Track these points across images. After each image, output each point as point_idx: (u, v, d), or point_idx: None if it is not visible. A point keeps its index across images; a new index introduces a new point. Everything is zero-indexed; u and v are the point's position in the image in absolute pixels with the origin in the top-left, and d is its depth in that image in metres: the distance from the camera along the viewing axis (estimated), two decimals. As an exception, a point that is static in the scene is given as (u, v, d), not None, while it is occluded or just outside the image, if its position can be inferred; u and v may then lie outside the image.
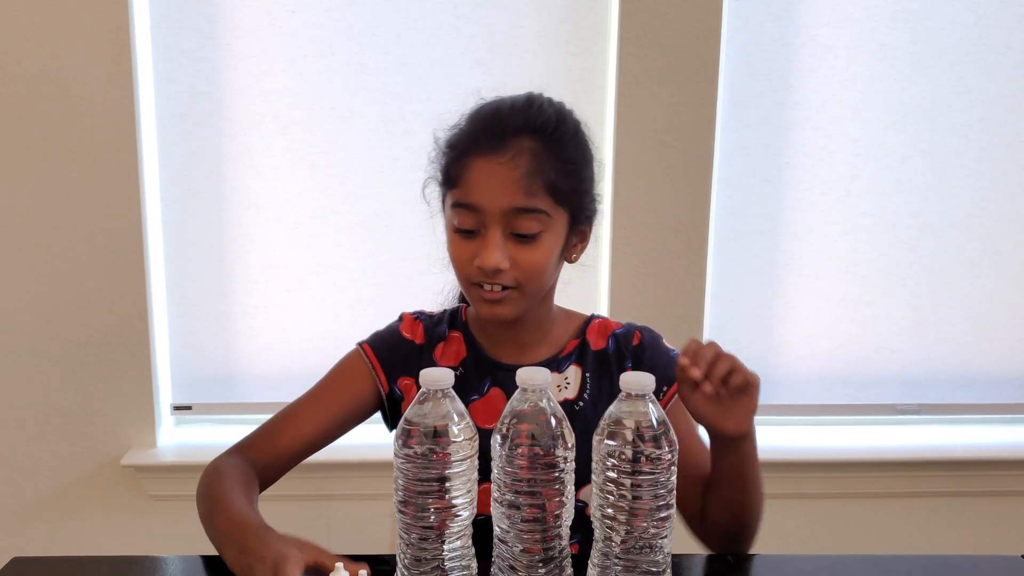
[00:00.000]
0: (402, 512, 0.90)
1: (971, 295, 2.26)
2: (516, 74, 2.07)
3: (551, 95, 1.20)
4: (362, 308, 2.14)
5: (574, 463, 0.91)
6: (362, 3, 2.05)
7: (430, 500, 0.88)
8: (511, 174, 1.10)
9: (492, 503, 0.92)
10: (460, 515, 0.90)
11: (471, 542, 0.94)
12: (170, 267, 2.15)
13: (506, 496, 0.89)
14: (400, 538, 0.92)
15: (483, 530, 0.96)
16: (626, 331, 1.27)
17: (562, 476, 0.89)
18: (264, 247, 2.14)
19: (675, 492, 0.90)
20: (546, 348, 1.25)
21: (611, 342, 1.25)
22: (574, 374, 1.24)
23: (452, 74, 2.09)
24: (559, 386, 1.23)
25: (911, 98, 2.16)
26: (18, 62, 1.97)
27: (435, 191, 1.21)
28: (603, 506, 0.89)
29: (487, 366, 1.24)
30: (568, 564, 0.94)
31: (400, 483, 0.90)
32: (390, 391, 1.25)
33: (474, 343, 1.26)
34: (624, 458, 0.87)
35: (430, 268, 1.31)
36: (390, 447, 0.91)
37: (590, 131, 1.21)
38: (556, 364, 1.23)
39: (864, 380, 2.29)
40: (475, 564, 0.93)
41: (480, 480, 0.93)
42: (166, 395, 2.20)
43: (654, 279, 2.12)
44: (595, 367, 1.24)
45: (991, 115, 2.18)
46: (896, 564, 1.14)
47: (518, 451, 0.88)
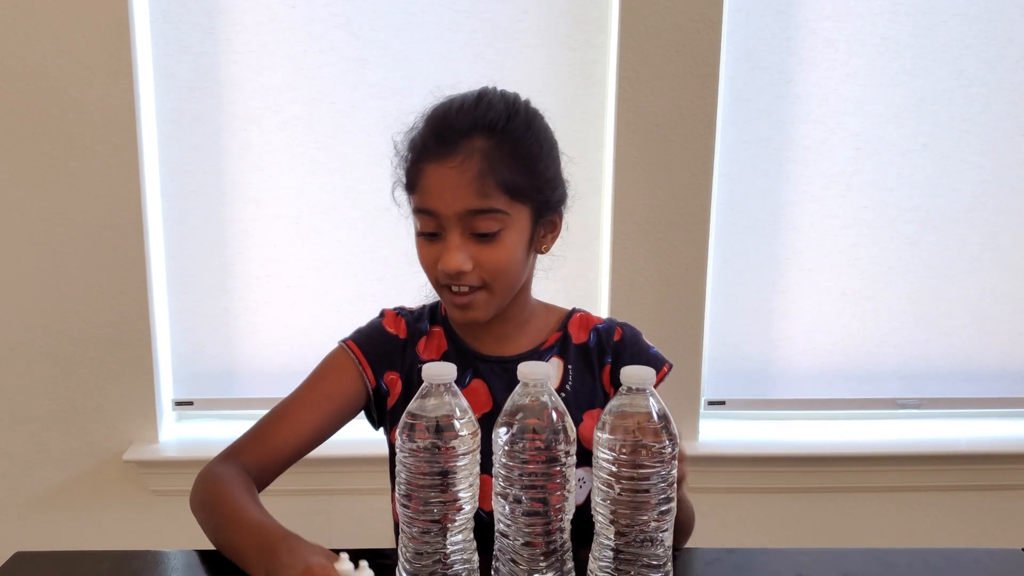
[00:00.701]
0: (405, 505, 0.90)
1: (972, 289, 2.26)
2: (516, 68, 2.06)
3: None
4: (362, 303, 2.14)
5: (575, 457, 0.91)
6: (362, -2, 2.06)
7: (433, 493, 0.88)
8: (462, 177, 1.10)
9: (494, 496, 0.92)
10: (463, 508, 0.90)
11: (472, 535, 0.94)
12: (171, 263, 2.15)
13: (508, 490, 0.90)
14: (402, 532, 0.92)
15: (482, 523, 0.96)
16: (608, 326, 1.28)
17: (564, 470, 0.89)
18: (264, 243, 2.14)
19: (676, 486, 0.90)
20: (527, 340, 1.26)
21: (592, 336, 1.26)
22: (556, 366, 1.24)
23: (452, 69, 2.08)
24: None
25: (912, 92, 2.16)
26: (18, 58, 1.97)
27: (402, 194, 1.21)
28: (604, 499, 0.89)
29: (468, 358, 1.25)
30: (569, 557, 0.94)
31: (403, 477, 0.90)
32: (376, 386, 1.26)
33: (454, 336, 1.27)
34: (625, 451, 0.87)
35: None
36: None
37: (547, 119, 1.20)
38: (538, 356, 1.24)
39: (865, 374, 2.29)
40: (476, 557, 0.94)
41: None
42: (167, 391, 2.20)
43: (655, 273, 2.12)
44: (576, 359, 1.25)
45: (992, 109, 2.18)
46: (897, 558, 1.15)
47: (520, 445, 0.88)
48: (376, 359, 1.26)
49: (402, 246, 2.16)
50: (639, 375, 0.88)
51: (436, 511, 0.89)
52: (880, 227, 2.22)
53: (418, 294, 1.39)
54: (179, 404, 2.21)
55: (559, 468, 0.89)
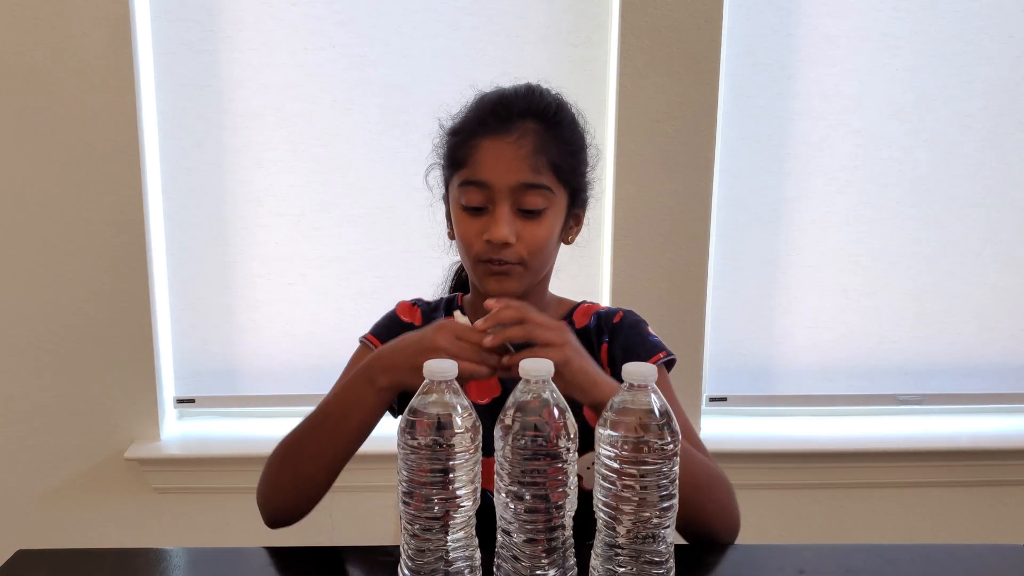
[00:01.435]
0: (406, 503, 0.90)
1: (973, 285, 2.26)
2: (517, 65, 2.06)
3: (551, 86, 1.24)
4: (364, 300, 2.14)
5: (577, 454, 0.91)
6: (363, -5, 2.06)
7: (434, 491, 0.88)
8: (518, 152, 1.15)
9: (495, 493, 0.92)
10: (464, 505, 0.90)
11: (474, 532, 0.94)
12: (172, 260, 2.15)
13: (509, 487, 0.90)
14: (404, 529, 0.92)
15: (485, 509, 0.96)
16: (610, 311, 1.30)
17: (565, 467, 0.89)
18: (266, 240, 2.14)
19: (678, 482, 0.90)
20: None
21: (593, 319, 1.28)
22: None
23: (453, 66, 2.08)
24: None
25: (913, 88, 2.16)
26: (20, 57, 1.97)
27: (438, 178, 1.25)
28: (606, 496, 0.89)
29: None
30: (571, 554, 0.94)
31: (404, 474, 0.90)
32: None
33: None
34: (627, 448, 0.87)
35: (432, 259, 1.32)
36: (393, 438, 0.91)
37: (586, 122, 1.26)
38: None
39: (866, 370, 2.29)
40: (478, 554, 0.94)
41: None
42: (169, 388, 2.20)
43: (656, 270, 2.12)
44: None
45: (993, 105, 2.18)
46: (899, 553, 1.15)
47: (521, 442, 0.88)
48: None
49: (403, 243, 2.17)
50: (640, 371, 0.88)
51: (437, 508, 0.89)
52: (881, 223, 2.22)
53: (420, 290, 1.39)
54: (181, 402, 2.22)
55: (561, 465, 0.89)
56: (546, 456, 0.89)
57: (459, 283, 1.42)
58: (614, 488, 0.89)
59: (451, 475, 0.88)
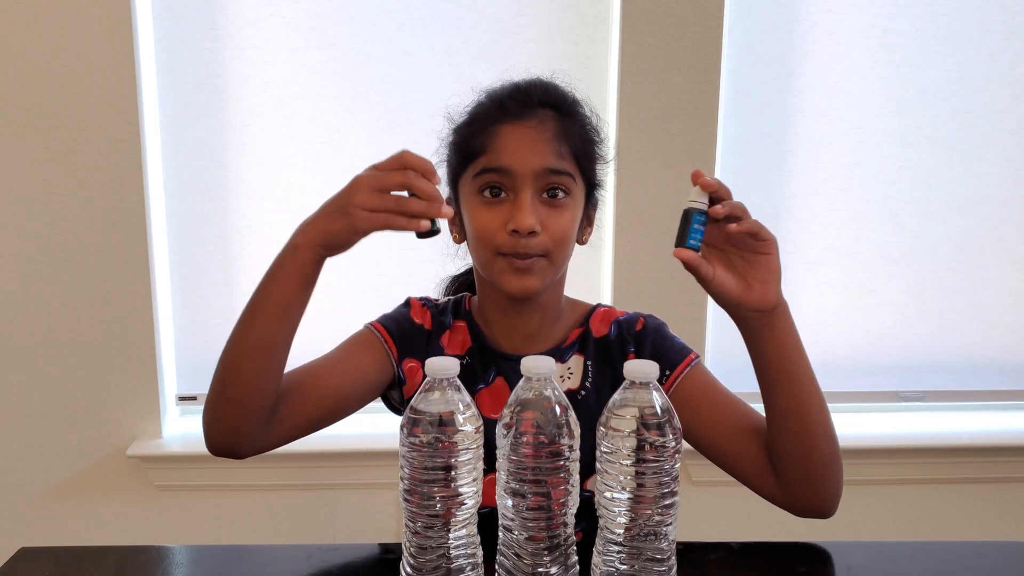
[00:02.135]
0: (408, 500, 0.90)
1: (974, 281, 2.26)
2: (518, 63, 2.05)
3: (559, 81, 1.24)
4: (366, 298, 2.14)
5: (579, 451, 0.91)
6: (363, -8, 2.05)
7: (436, 488, 0.89)
8: (541, 136, 1.12)
9: (497, 491, 0.92)
10: (466, 503, 0.90)
11: (476, 530, 0.94)
12: (174, 258, 2.15)
13: (511, 484, 0.90)
14: (406, 526, 0.92)
15: (488, 522, 0.96)
16: (630, 318, 1.25)
17: (567, 464, 0.90)
18: (267, 237, 2.14)
19: (679, 480, 0.90)
20: (552, 339, 1.24)
21: (613, 328, 1.24)
22: (576, 363, 1.23)
23: (454, 63, 2.08)
24: (562, 376, 1.22)
25: (914, 84, 2.16)
26: (20, 54, 1.97)
27: (443, 176, 1.20)
28: (607, 494, 0.90)
29: (492, 356, 1.23)
30: (573, 552, 0.94)
31: (406, 472, 0.90)
32: (398, 370, 1.23)
33: (479, 333, 1.25)
34: (629, 446, 0.88)
35: (433, 257, 1.31)
36: (395, 436, 0.91)
37: (600, 118, 1.24)
38: (560, 354, 1.22)
39: (867, 367, 2.29)
40: (480, 552, 0.94)
41: (485, 471, 0.93)
42: (171, 385, 2.20)
43: (657, 267, 2.11)
44: (596, 355, 1.23)
45: (994, 101, 2.17)
46: (900, 550, 1.15)
47: (523, 439, 0.88)
48: (401, 342, 1.22)
49: (405, 240, 2.16)
50: (642, 369, 0.88)
51: (439, 506, 0.89)
52: (882, 220, 2.22)
53: (421, 288, 1.39)
54: (183, 399, 2.22)
55: (562, 462, 0.89)
56: (548, 454, 0.89)
57: (456, 294, 1.35)
58: (616, 485, 0.89)
59: (453, 472, 0.88)
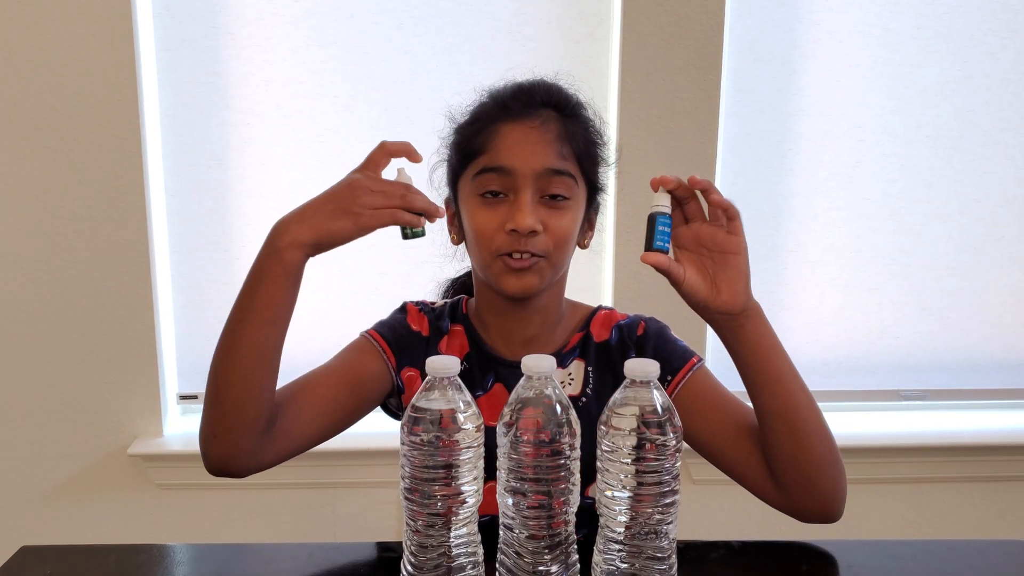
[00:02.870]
0: (408, 499, 0.90)
1: (976, 280, 2.26)
2: (519, 61, 2.06)
3: (561, 82, 1.23)
4: (366, 297, 2.14)
5: (580, 450, 0.91)
6: (364, -9, 2.05)
7: (436, 487, 0.89)
8: (543, 136, 1.11)
9: (498, 490, 0.92)
10: (467, 502, 0.90)
11: (477, 529, 0.94)
12: (175, 257, 2.15)
13: (511, 483, 0.90)
14: (406, 525, 0.92)
15: (488, 530, 0.95)
16: (631, 322, 1.24)
17: (568, 463, 0.90)
18: (268, 236, 2.14)
19: (680, 478, 0.90)
20: (552, 344, 1.22)
21: (614, 333, 1.23)
22: (577, 369, 1.21)
23: (455, 62, 2.08)
24: (563, 382, 1.21)
25: (915, 83, 2.16)
26: (22, 53, 1.97)
27: (442, 176, 1.20)
28: (608, 492, 0.90)
29: (491, 362, 1.21)
30: (574, 550, 0.94)
31: (407, 470, 0.90)
32: (396, 379, 1.22)
33: (476, 337, 1.23)
34: (629, 444, 0.88)
35: (433, 257, 1.31)
36: (396, 435, 0.91)
37: (603, 121, 1.23)
38: (560, 359, 1.20)
39: (868, 366, 2.29)
40: (481, 551, 0.94)
41: (485, 479, 0.92)
42: (172, 384, 2.20)
43: (658, 267, 2.11)
44: (597, 360, 1.22)
45: (995, 100, 2.17)
46: (901, 549, 1.15)
47: (523, 438, 0.88)
48: (399, 351, 1.21)
49: (405, 240, 2.17)
50: (642, 368, 0.88)
51: (440, 505, 0.89)
52: (883, 219, 2.22)
53: (421, 287, 1.39)
54: (184, 398, 2.22)
55: (563, 461, 0.89)
56: (548, 452, 0.89)
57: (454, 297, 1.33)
58: (616, 484, 0.89)
59: (454, 471, 0.88)
